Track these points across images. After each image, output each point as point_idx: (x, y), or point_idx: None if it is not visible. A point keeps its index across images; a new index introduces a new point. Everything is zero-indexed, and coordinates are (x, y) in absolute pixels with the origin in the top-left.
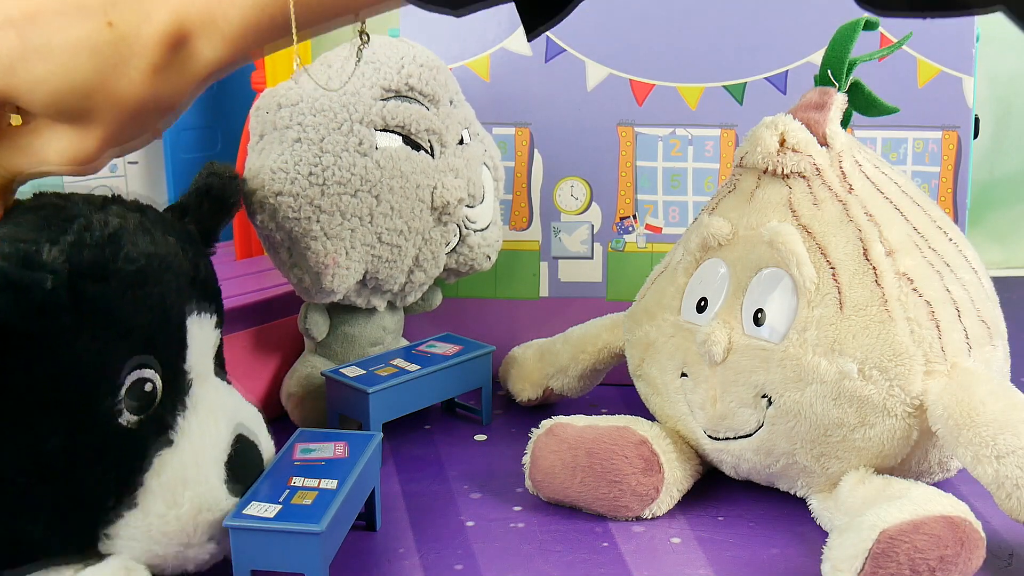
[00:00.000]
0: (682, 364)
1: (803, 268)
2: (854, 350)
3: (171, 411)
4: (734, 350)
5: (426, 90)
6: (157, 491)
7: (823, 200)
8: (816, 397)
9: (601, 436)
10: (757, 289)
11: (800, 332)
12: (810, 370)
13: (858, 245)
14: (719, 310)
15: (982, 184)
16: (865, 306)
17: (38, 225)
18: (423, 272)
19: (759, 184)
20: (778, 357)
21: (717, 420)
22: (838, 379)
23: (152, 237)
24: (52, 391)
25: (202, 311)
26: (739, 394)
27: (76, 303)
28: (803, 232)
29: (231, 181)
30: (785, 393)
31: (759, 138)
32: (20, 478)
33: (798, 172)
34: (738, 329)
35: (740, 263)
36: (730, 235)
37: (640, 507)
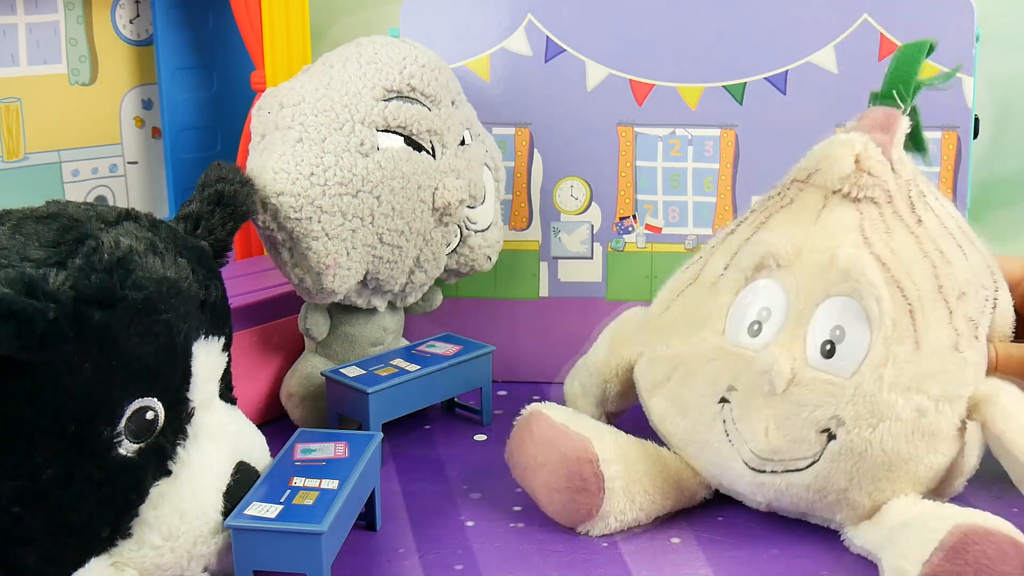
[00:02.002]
0: (726, 390)
1: (883, 304)
2: (930, 388)
3: (171, 440)
4: (797, 381)
5: (428, 91)
6: (153, 523)
7: (894, 230)
8: (888, 434)
9: (557, 440)
10: (825, 318)
11: (874, 368)
12: (886, 407)
13: (934, 282)
14: (779, 337)
15: (982, 184)
16: (942, 348)
17: (48, 241)
18: (424, 273)
19: (826, 204)
20: (850, 393)
21: (769, 452)
22: (915, 417)
23: (163, 260)
24: (51, 421)
25: (210, 335)
26: (800, 428)
27: (80, 333)
28: (879, 263)
29: (243, 188)
30: (854, 430)
31: (836, 157)
32: (15, 507)
33: (871, 197)
34: (801, 359)
35: (804, 288)
36: (792, 255)
37: (572, 523)
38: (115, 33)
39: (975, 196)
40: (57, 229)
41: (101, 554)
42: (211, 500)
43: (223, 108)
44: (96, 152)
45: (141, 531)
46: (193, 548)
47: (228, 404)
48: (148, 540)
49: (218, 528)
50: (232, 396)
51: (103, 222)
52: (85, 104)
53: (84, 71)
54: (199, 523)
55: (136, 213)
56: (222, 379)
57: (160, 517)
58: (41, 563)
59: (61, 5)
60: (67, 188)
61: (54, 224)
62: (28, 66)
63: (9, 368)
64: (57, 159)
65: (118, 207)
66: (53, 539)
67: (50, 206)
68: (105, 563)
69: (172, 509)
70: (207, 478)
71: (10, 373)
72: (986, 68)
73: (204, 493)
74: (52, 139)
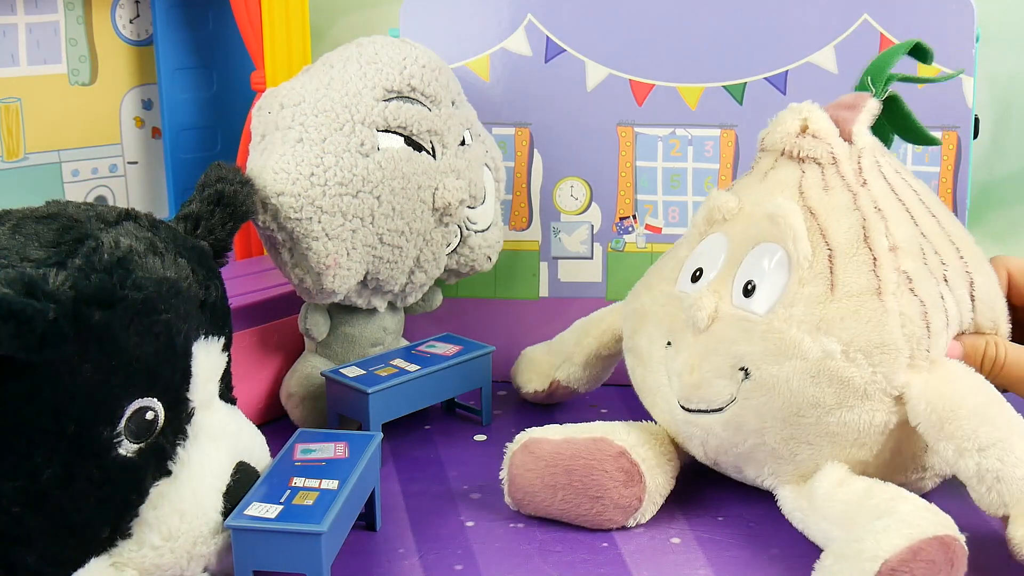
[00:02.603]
0: (668, 332)
1: (799, 244)
2: (840, 332)
3: (171, 440)
4: (719, 319)
5: (428, 91)
6: (153, 523)
7: (833, 187)
8: (794, 373)
9: (579, 451)
10: (751, 262)
11: (787, 307)
12: (792, 345)
13: (860, 232)
14: (712, 281)
15: (982, 184)
16: (859, 293)
17: (48, 241)
18: (424, 273)
19: (774, 166)
20: (761, 329)
21: (692, 389)
22: (820, 358)
23: (163, 260)
24: (51, 421)
25: (210, 335)
26: (717, 363)
27: (80, 333)
28: (807, 213)
29: (243, 188)
30: (763, 366)
31: (781, 119)
32: (15, 507)
33: (814, 158)
34: (727, 300)
35: (739, 236)
36: (735, 210)
37: (624, 518)
38: (115, 33)
39: (975, 196)
40: (57, 229)
41: (101, 554)
42: (211, 500)
43: (223, 108)
44: (96, 152)
45: (141, 531)
46: (193, 548)
47: (228, 404)
48: (148, 540)
49: (218, 528)
50: (232, 396)
51: (103, 222)
52: (85, 104)
53: (84, 71)
54: (199, 523)
55: (136, 213)
56: (222, 379)
57: (160, 517)
58: (41, 563)
59: (61, 5)
60: (67, 188)
61: (54, 224)
62: (28, 66)
63: (9, 368)
64: (57, 159)
65: (118, 207)
66: (53, 539)
67: (50, 206)
68: (105, 563)
69: (172, 509)
70: (207, 478)
71: (10, 373)
72: (986, 68)
73: (204, 493)
74: (52, 139)
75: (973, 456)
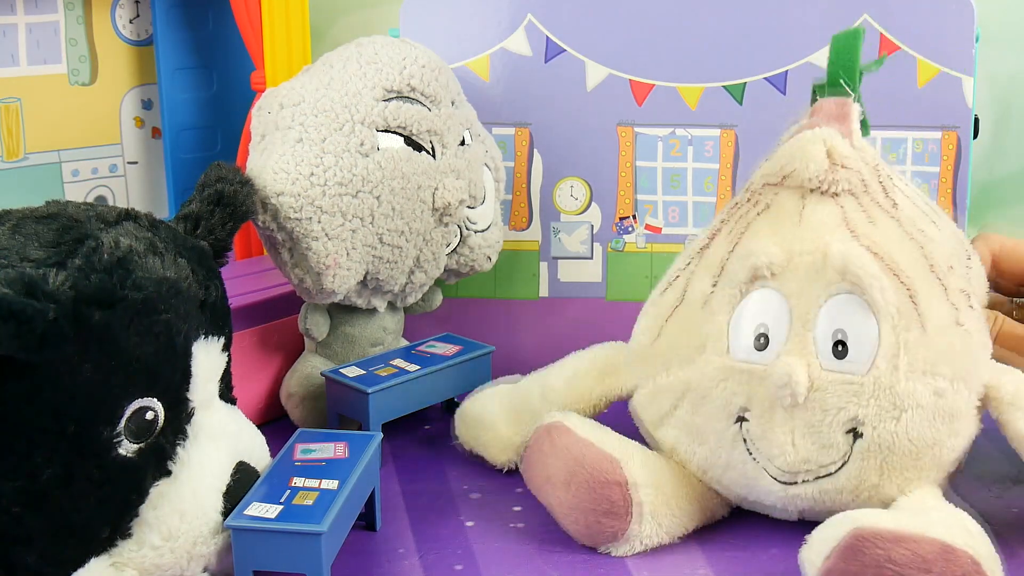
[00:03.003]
0: (741, 408)
1: (887, 293)
2: (944, 369)
3: (171, 440)
4: (816, 387)
5: (428, 91)
6: (153, 523)
7: (876, 218)
8: (912, 423)
9: (585, 459)
10: (829, 317)
11: (888, 359)
12: (906, 396)
13: (923, 261)
14: (787, 346)
15: (982, 184)
16: (945, 325)
17: (48, 241)
18: (424, 273)
19: (804, 203)
20: (869, 388)
21: (799, 464)
22: (934, 400)
23: (163, 260)
24: (51, 421)
25: (210, 335)
26: (826, 433)
27: (79, 332)
28: (869, 253)
29: (243, 187)
30: (879, 424)
31: (809, 155)
32: (15, 507)
33: (847, 190)
34: (815, 364)
35: (802, 292)
36: (784, 262)
37: (594, 543)
38: (115, 33)
39: (975, 196)
40: (57, 229)
41: (101, 554)
42: (211, 500)
43: (223, 108)
44: (96, 152)
45: (141, 531)
46: (193, 548)
47: (228, 404)
48: (148, 540)
49: (218, 528)
50: (232, 396)
51: (103, 222)
52: (85, 104)
53: (84, 71)
54: (199, 523)
55: (136, 213)
56: (222, 379)
57: (160, 517)
58: (41, 563)
59: (61, 5)
60: (67, 188)
61: (54, 224)
62: (28, 66)
63: (9, 368)
64: (57, 159)
65: (118, 207)
66: (53, 539)
67: (50, 206)
68: (105, 563)
69: (172, 509)
70: (207, 478)
71: (10, 373)
72: (986, 68)
73: (204, 493)
74: (52, 139)
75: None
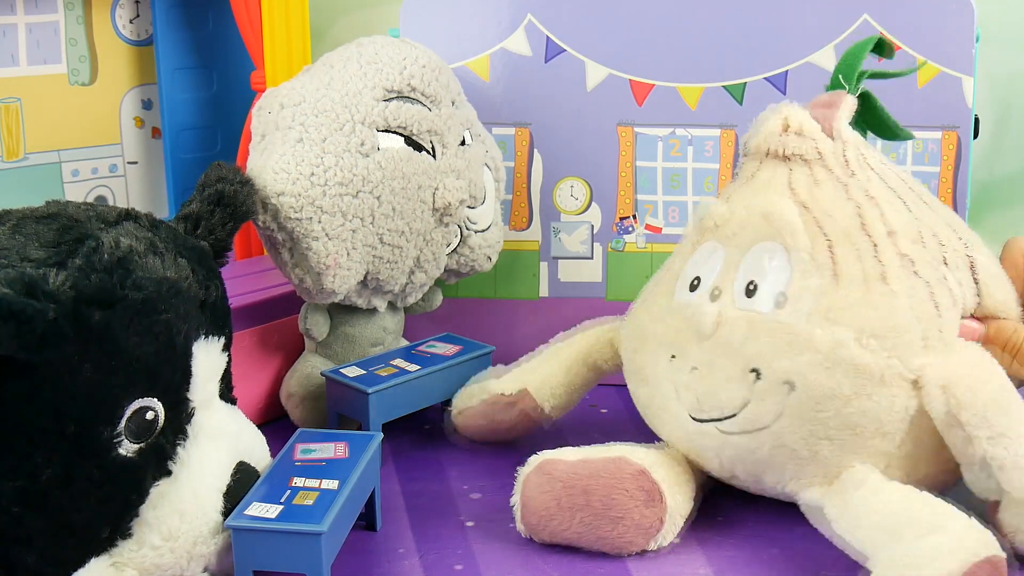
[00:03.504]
0: (671, 346)
1: (797, 238)
2: (850, 320)
3: (171, 440)
4: (724, 323)
5: (428, 91)
6: (153, 523)
7: (823, 181)
8: (808, 366)
9: (597, 471)
10: (749, 262)
11: (793, 302)
12: (803, 338)
13: (857, 220)
14: (710, 286)
15: (982, 184)
16: (864, 279)
17: (48, 241)
18: (424, 273)
19: (760, 168)
20: (769, 327)
21: (703, 397)
22: (832, 347)
23: (163, 260)
24: (51, 421)
25: (210, 335)
26: (727, 367)
27: (79, 332)
28: (800, 208)
29: (243, 188)
30: (775, 362)
31: (762, 120)
32: (15, 507)
33: (800, 155)
34: (730, 304)
35: (734, 240)
36: (726, 215)
37: (645, 541)
38: (115, 33)
39: (975, 196)
40: (57, 229)
41: (101, 554)
42: (211, 500)
43: (223, 108)
44: (96, 152)
45: (141, 531)
46: (193, 548)
47: (228, 404)
48: (148, 540)
49: (218, 528)
50: (232, 396)
51: (103, 222)
52: (85, 104)
53: (84, 71)
54: (199, 523)
55: (136, 213)
56: (222, 379)
57: (160, 517)
58: (41, 563)
59: (61, 5)
60: (67, 188)
61: (54, 224)
62: (28, 66)
63: (9, 368)
64: (57, 159)
65: (118, 207)
66: (53, 539)
67: (50, 206)
68: (105, 563)
69: (172, 509)
70: (207, 478)
71: (10, 373)
72: (986, 68)
73: (204, 493)
74: (52, 139)
75: (982, 444)
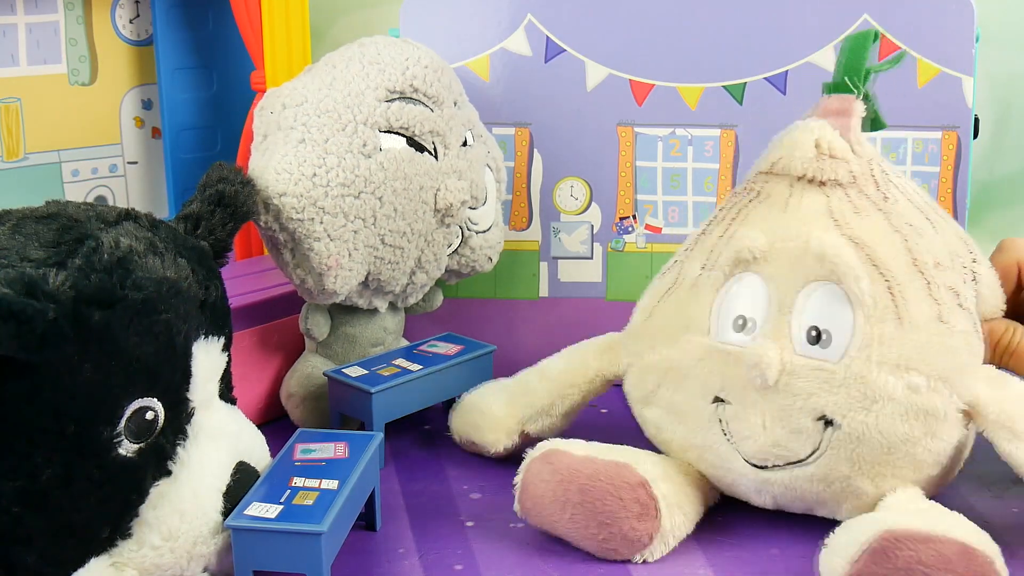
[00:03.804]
0: (718, 389)
1: (861, 282)
2: (920, 364)
3: (171, 440)
4: (788, 372)
5: (430, 92)
6: (153, 523)
7: (863, 209)
8: (884, 416)
9: (598, 472)
10: (807, 305)
11: (863, 349)
12: (878, 388)
13: (907, 255)
14: (764, 329)
15: (982, 184)
16: (924, 320)
17: (48, 241)
18: (425, 274)
19: (792, 192)
20: (840, 377)
21: (768, 448)
22: (907, 395)
23: (163, 260)
24: (51, 421)
25: (210, 335)
26: (795, 419)
27: (79, 332)
28: (851, 243)
29: (244, 188)
30: (850, 414)
31: (797, 143)
32: (15, 507)
33: (835, 179)
34: (789, 349)
35: (782, 278)
36: (766, 248)
37: (630, 552)
38: (115, 33)
39: (975, 196)
40: (57, 229)
41: (101, 554)
42: (211, 500)
43: (223, 108)
44: (96, 152)
45: (141, 531)
46: (193, 548)
47: (228, 404)
48: (148, 540)
49: (218, 528)
50: (232, 396)
51: (103, 222)
52: (85, 104)
53: (84, 71)
54: (199, 523)
55: (136, 213)
56: (222, 379)
57: (160, 517)
58: (41, 563)
59: (61, 5)
60: (67, 188)
61: (54, 224)
62: (28, 66)
63: (9, 368)
64: (57, 159)
65: (118, 207)
66: (53, 539)
67: (50, 206)
68: (105, 563)
69: (172, 509)
70: (207, 478)
71: (10, 373)
72: (986, 68)
73: (204, 493)
74: (52, 139)
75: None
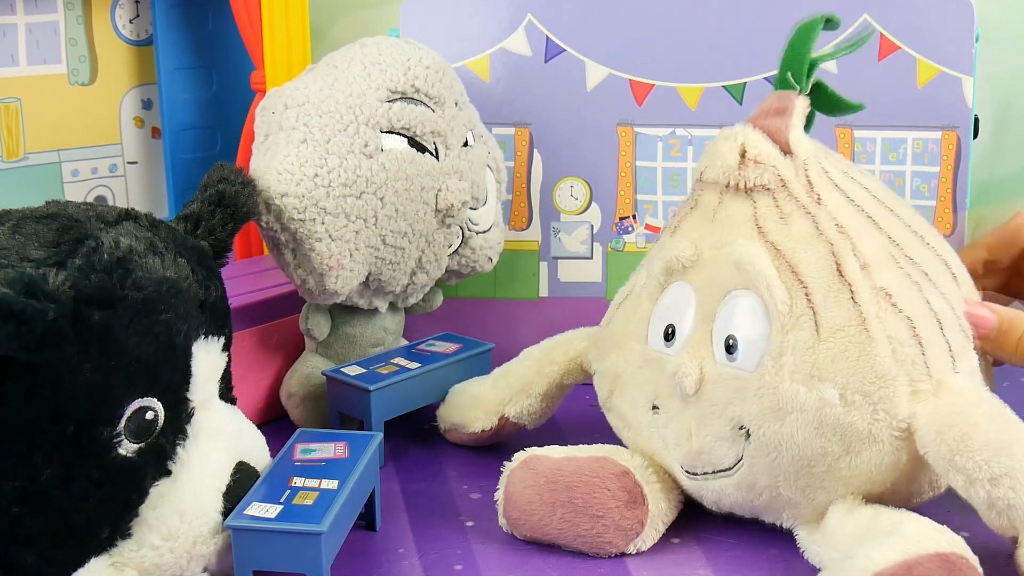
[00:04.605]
0: (653, 397)
1: (774, 290)
2: (834, 375)
3: (171, 440)
4: (707, 381)
5: (432, 92)
6: (153, 523)
7: (790, 214)
8: (797, 427)
9: (581, 468)
10: (726, 315)
11: (775, 359)
12: (788, 399)
13: (831, 261)
14: (688, 339)
15: (982, 184)
16: (843, 327)
17: (48, 241)
18: (425, 274)
19: (721, 200)
20: (754, 387)
21: (694, 456)
22: (819, 407)
23: (163, 260)
24: (50, 421)
25: (210, 335)
26: (715, 428)
27: (79, 332)
28: (772, 250)
29: (244, 188)
30: (764, 425)
31: (717, 151)
32: (15, 507)
33: (762, 185)
34: (709, 358)
35: (707, 287)
36: (694, 257)
37: (624, 542)
38: (115, 33)
39: (975, 196)
40: (57, 229)
41: (101, 554)
42: (211, 500)
43: (223, 108)
44: (96, 152)
45: (141, 531)
46: (193, 548)
47: (228, 404)
48: (148, 540)
49: (218, 528)
50: (232, 396)
51: (103, 222)
52: (85, 104)
53: (84, 71)
54: (199, 523)
55: (136, 213)
56: (222, 379)
57: (160, 517)
58: (40, 563)
59: (61, 5)
60: (67, 188)
61: (54, 224)
62: (28, 66)
63: (9, 368)
64: (57, 159)
65: (118, 207)
66: (53, 539)
67: (50, 206)
68: (105, 563)
69: (172, 509)
70: (207, 478)
71: (10, 373)
72: (986, 68)
73: (204, 493)
74: (52, 139)
75: (984, 486)
